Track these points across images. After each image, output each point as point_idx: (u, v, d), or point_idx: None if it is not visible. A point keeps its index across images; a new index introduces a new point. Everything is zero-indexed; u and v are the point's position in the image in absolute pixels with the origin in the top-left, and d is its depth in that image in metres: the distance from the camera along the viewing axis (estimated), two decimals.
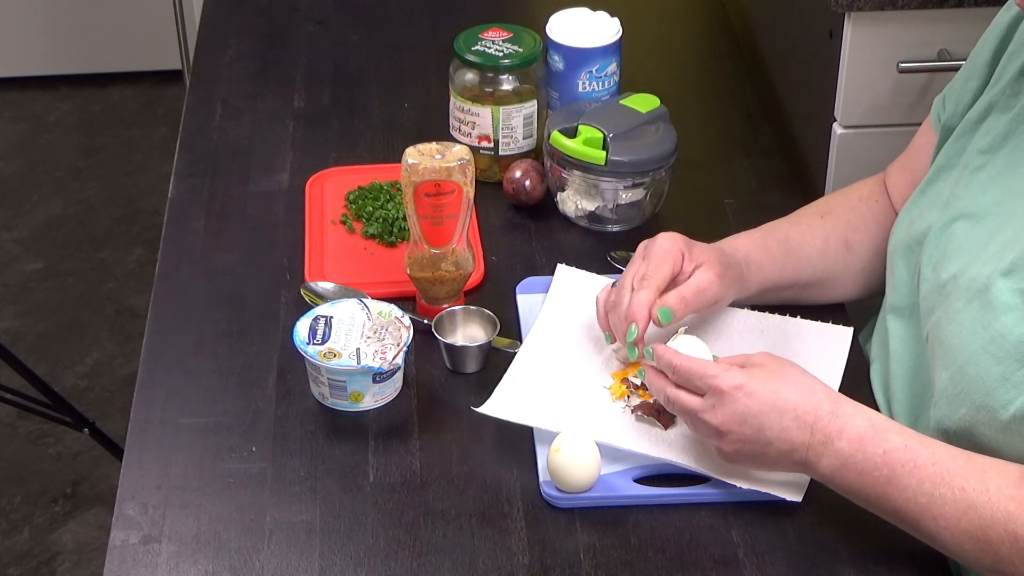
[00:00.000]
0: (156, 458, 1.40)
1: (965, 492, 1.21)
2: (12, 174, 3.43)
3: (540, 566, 1.29)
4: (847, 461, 1.25)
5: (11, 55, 3.66)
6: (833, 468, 1.26)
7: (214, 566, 1.29)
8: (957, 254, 1.33)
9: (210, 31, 2.13)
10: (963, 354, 1.27)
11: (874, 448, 1.25)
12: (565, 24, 1.79)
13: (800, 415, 1.27)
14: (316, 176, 1.78)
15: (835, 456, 1.26)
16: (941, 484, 1.22)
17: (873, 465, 1.24)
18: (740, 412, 1.27)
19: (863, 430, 1.26)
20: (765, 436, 1.27)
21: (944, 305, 1.32)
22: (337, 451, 1.41)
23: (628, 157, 1.65)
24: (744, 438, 1.28)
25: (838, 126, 1.85)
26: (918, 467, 1.23)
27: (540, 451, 1.38)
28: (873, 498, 1.26)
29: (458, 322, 1.52)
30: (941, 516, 1.22)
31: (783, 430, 1.27)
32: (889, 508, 1.25)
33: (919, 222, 1.42)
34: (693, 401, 1.30)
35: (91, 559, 2.48)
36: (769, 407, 1.27)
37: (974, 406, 1.26)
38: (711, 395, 1.29)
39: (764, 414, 1.27)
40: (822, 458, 1.26)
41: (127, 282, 3.11)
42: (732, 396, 1.27)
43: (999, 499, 1.20)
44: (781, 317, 1.54)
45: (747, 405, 1.27)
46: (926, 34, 1.79)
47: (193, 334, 1.55)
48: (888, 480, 1.24)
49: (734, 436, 1.28)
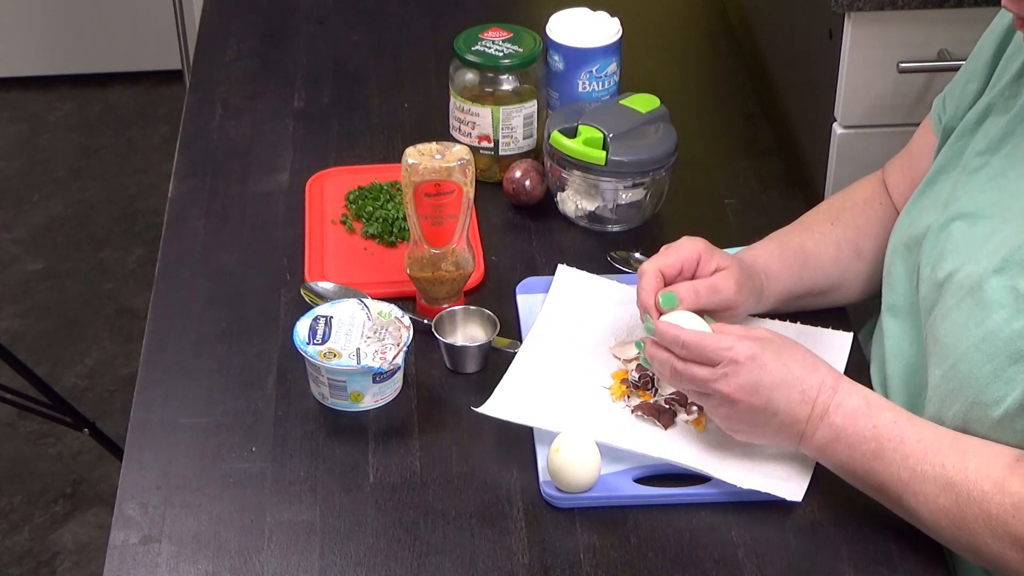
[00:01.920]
0: (156, 458, 1.40)
1: (945, 470, 1.24)
2: (12, 174, 3.43)
3: (540, 566, 1.29)
4: (839, 434, 1.28)
5: (11, 55, 3.66)
6: (826, 441, 1.29)
7: (214, 566, 1.29)
8: (954, 253, 1.34)
9: (210, 31, 2.13)
10: (956, 351, 1.28)
11: (865, 422, 1.28)
12: (565, 24, 1.79)
13: (806, 389, 1.30)
14: (316, 176, 1.78)
15: (828, 429, 1.29)
16: (923, 461, 1.25)
17: (862, 439, 1.27)
18: (753, 382, 1.29)
19: (857, 405, 1.29)
20: (772, 407, 1.29)
21: (940, 304, 1.33)
22: (337, 451, 1.41)
23: (628, 157, 1.65)
24: (751, 407, 1.30)
25: (838, 126, 1.85)
26: (904, 442, 1.26)
27: (540, 451, 1.38)
28: (860, 472, 1.28)
29: (458, 322, 1.52)
30: (921, 492, 1.24)
31: (789, 403, 1.29)
32: (875, 483, 1.28)
33: (918, 223, 1.43)
34: (704, 371, 1.31)
35: (91, 559, 2.48)
36: (780, 379, 1.30)
37: (967, 403, 1.27)
38: (725, 365, 1.30)
39: (775, 386, 1.29)
40: (817, 431, 1.29)
41: (127, 282, 3.11)
42: (747, 367, 1.29)
43: (976, 478, 1.22)
44: (781, 322, 1.53)
45: (760, 376, 1.29)
46: (926, 34, 1.79)
47: (193, 334, 1.55)
48: (875, 454, 1.27)
49: (743, 405, 1.30)
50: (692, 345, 1.32)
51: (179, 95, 3.57)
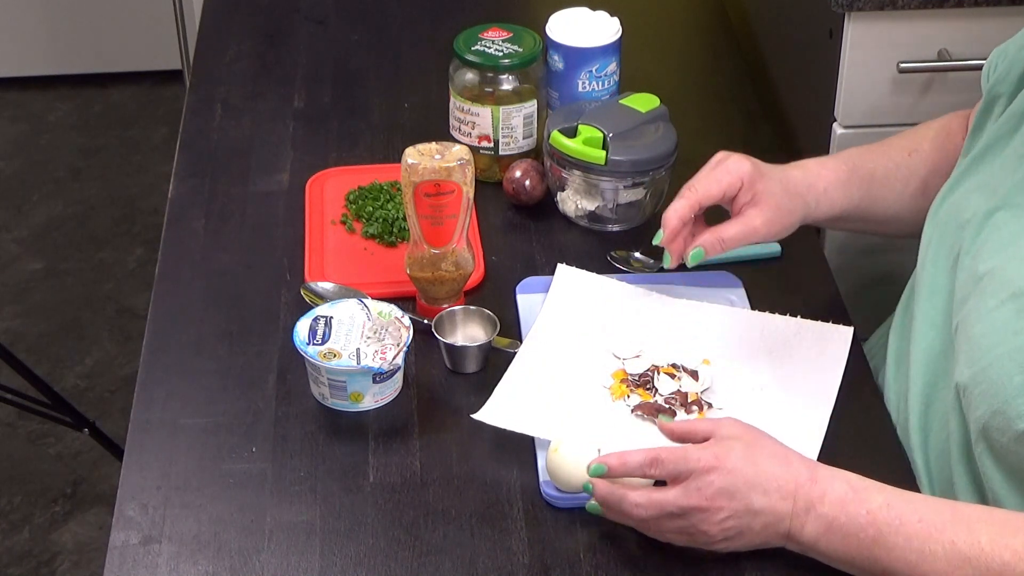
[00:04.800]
0: (156, 458, 1.40)
1: (956, 546, 1.19)
2: (12, 174, 3.43)
3: (540, 566, 1.29)
4: (831, 524, 1.23)
5: (11, 55, 3.66)
6: (817, 534, 1.23)
7: (214, 566, 1.29)
8: (998, 248, 1.31)
9: (210, 31, 2.13)
10: (989, 355, 1.26)
11: (857, 509, 1.22)
12: (565, 24, 1.79)
13: (782, 485, 1.24)
14: (316, 176, 1.78)
15: (818, 521, 1.23)
16: (929, 540, 1.20)
17: (858, 527, 1.22)
18: (727, 488, 1.23)
19: (843, 493, 1.23)
20: (752, 508, 1.24)
21: (977, 298, 1.30)
22: (337, 451, 1.41)
23: (628, 157, 1.65)
24: (733, 513, 1.24)
25: (838, 126, 1.85)
26: (904, 524, 1.21)
27: (540, 451, 1.38)
28: (859, 560, 1.23)
29: (458, 322, 1.52)
30: (933, 572, 1.19)
31: (769, 502, 1.24)
32: (878, 570, 1.22)
33: (964, 204, 1.39)
34: (671, 493, 1.24)
35: (91, 559, 2.48)
36: (753, 479, 1.24)
37: (991, 409, 1.25)
38: (694, 478, 1.24)
39: (751, 487, 1.24)
40: (805, 525, 1.24)
41: (127, 282, 3.11)
42: (715, 474, 1.23)
43: (993, 550, 1.18)
44: (781, 317, 1.54)
45: (731, 481, 1.23)
46: (926, 34, 1.79)
47: (193, 334, 1.55)
48: (875, 540, 1.21)
49: (724, 513, 1.24)
50: (656, 461, 1.25)
51: (179, 95, 3.57)
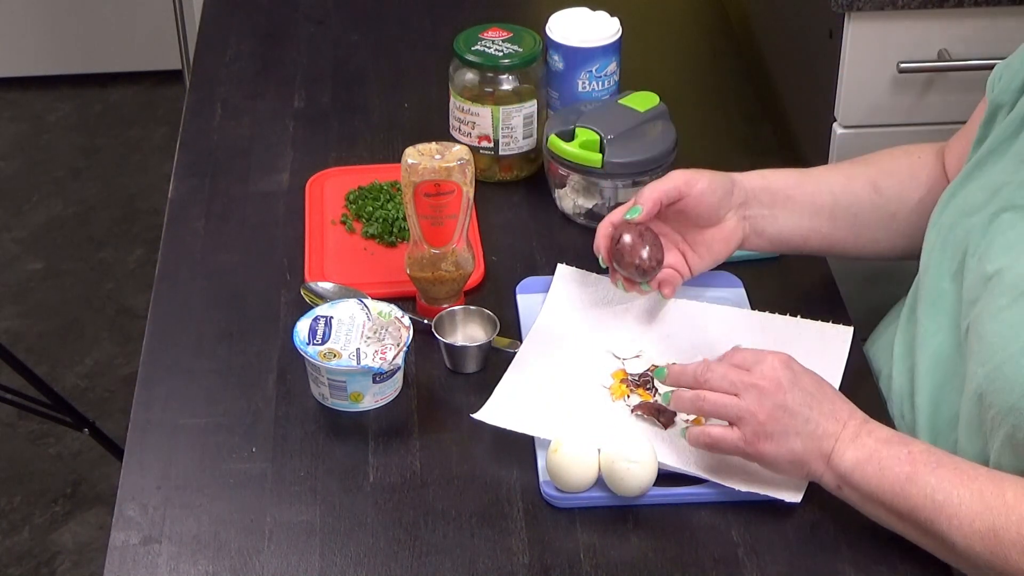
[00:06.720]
0: (156, 458, 1.40)
1: (982, 495, 1.22)
2: (12, 174, 3.43)
3: (540, 566, 1.29)
4: (872, 455, 1.26)
5: (11, 55, 3.66)
6: (856, 460, 1.27)
7: (214, 567, 1.29)
8: (1005, 248, 1.32)
9: (210, 31, 2.13)
10: (1002, 353, 1.26)
11: (899, 448, 1.27)
12: (565, 24, 1.79)
13: (838, 409, 1.30)
14: (316, 176, 1.78)
15: (861, 450, 1.27)
16: (960, 484, 1.23)
17: (896, 461, 1.26)
18: (791, 377, 1.30)
19: (890, 434, 1.29)
20: (807, 414, 1.28)
21: (987, 299, 1.31)
22: (337, 451, 1.41)
23: (625, 159, 1.65)
24: (788, 406, 1.28)
25: (838, 126, 1.85)
26: (940, 467, 1.25)
27: (540, 451, 1.38)
28: (888, 497, 1.26)
29: (458, 322, 1.52)
30: (956, 516, 1.22)
31: (822, 414, 1.29)
32: (905, 507, 1.25)
33: (966, 206, 1.40)
34: (738, 372, 1.31)
35: (91, 559, 2.48)
36: (816, 388, 1.30)
37: (1006, 407, 1.25)
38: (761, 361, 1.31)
39: (810, 393, 1.29)
40: (848, 450, 1.27)
41: (127, 282, 3.11)
42: (784, 367, 1.30)
43: (1015, 503, 1.21)
44: (782, 317, 1.54)
45: (798, 383, 1.30)
46: (926, 34, 1.79)
47: (193, 334, 1.55)
48: (908, 478, 1.25)
49: (780, 399, 1.29)
50: (736, 349, 1.33)
51: (179, 95, 3.57)
